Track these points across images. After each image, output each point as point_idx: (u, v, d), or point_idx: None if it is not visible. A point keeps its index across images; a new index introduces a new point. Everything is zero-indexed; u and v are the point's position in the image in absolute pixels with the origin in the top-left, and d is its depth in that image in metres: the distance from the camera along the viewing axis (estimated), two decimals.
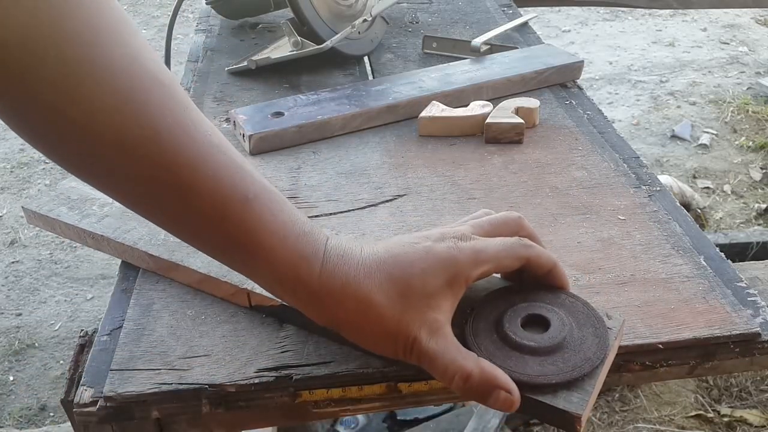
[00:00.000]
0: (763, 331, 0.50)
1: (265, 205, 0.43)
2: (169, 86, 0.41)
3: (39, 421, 1.54)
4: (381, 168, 0.73)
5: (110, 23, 0.39)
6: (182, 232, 0.45)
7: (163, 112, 0.40)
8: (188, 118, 0.42)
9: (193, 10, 3.40)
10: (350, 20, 0.96)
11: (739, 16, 3.37)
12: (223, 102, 0.89)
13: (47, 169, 2.40)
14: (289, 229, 0.44)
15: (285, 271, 0.43)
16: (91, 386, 0.48)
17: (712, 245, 0.59)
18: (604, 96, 2.72)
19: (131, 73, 0.39)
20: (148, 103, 0.40)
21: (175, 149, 0.41)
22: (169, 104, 0.41)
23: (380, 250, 0.45)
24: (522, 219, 0.50)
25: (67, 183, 0.68)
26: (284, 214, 0.44)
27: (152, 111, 0.40)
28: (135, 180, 0.41)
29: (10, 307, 1.83)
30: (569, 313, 0.47)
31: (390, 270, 0.44)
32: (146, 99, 0.40)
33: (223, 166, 0.42)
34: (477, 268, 0.45)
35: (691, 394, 1.48)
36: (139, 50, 0.40)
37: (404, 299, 0.43)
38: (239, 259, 0.45)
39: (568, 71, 0.90)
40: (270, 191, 0.44)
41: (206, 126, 0.43)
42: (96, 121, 0.39)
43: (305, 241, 0.44)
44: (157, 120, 0.40)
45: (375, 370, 0.48)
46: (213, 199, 0.42)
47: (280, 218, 0.43)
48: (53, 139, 0.40)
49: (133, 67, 0.40)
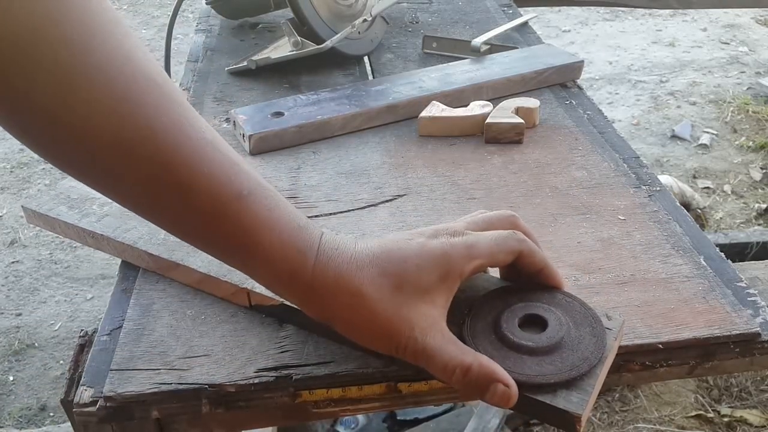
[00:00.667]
0: (763, 331, 0.50)
1: (260, 201, 0.43)
2: (164, 85, 0.41)
3: (39, 421, 1.54)
4: (381, 168, 0.73)
5: (102, 24, 0.39)
6: (180, 230, 0.45)
7: (158, 112, 0.40)
8: (183, 116, 0.42)
9: (193, 10, 3.40)
10: (350, 20, 0.96)
11: (739, 16, 3.37)
12: (223, 102, 0.89)
13: (47, 169, 2.40)
14: (284, 224, 0.44)
15: (281, 265, 0.43)
16: (91, 386, 0.48)
17: (712, 245, 0.59)
18: (604, 96, 2.72)
19: (125, 74, 0.39)
20: (144, 103, 0.40)
21: (171, 148, 0.41)
22: (165, 103, 0.41)
23: (374, 246, 0.45)
24: (516, 217, 0.50)
25: (66, 182, 0.68)
26: (279, 209, 0.44)
27: (148, 111, 0.40)
28: (132, 180, 0.41)
29: (10, 307, 1.83)
30: (566, 312, 0.47)
31: (383, 265, 0.44)
32: (142, 99, 0.40)
33: (218, 163, 0.42)
34: (470, 262, 0.45)
35: (691, 394, 1.48)
36: (133, 50, 0.40)
37: (398, 294, 0.43)
38: (237, 256, 0.45)
39: (568, 71, 0.90)
40: (264, 187, 0.44)
41: (201, 124, 0.43)
42: (92, 123, 0.39)
43: (300, 236, 0.44)
44: (153, 120, 0.40)
45: (375, 370, 0.48)
46: (209, 196, 0.42)
47: (275, 214, 0.44)
48: (49, 142, 0.40)
49: (127, 68, 0.40)
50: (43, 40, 0.37)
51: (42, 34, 0.37)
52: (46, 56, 0.37)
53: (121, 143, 0.40)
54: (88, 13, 0.38)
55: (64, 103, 0.38)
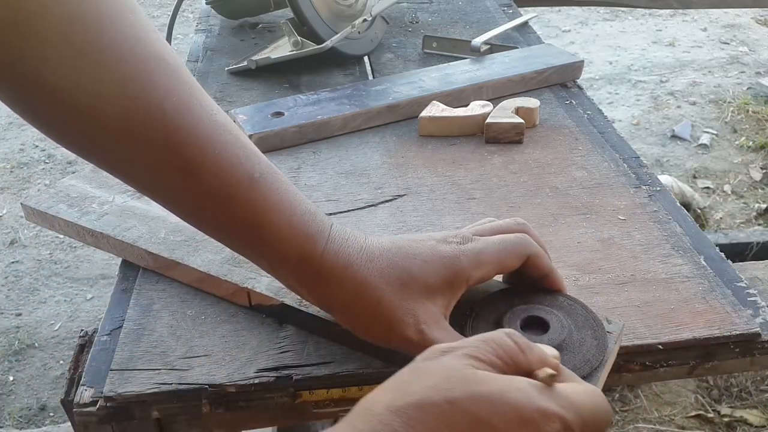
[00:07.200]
0: (763, 331, 0.50)
1: (271, 183, 0.43)
2: (175, 66, 0.41)
3: (39, 421, 1.54)
4: (381, 168, 0.73)
5: (113, 5, 0.39)
6: (188, 212, 0.45)
7: (168, 93, 0.40)
8: (193, 97, 0.42)
9: (193, 10, 3.40)
10: (350, 20, 0.96)
11: (739, 16, 3.37)
12: (223, 102, 0.89)
13: (47, 169, 2.40)
14: (295, 208, 0.44)
15: (289, 248, 0.43)
16: (91, 386, 0.48)
17: (712, 245, 0.59)
18: (604, 96, 2.72)
19: (136, 53, 0.39)
20: (155, 83, 0.40)
21: (181, 129, 0.41)
22: (175, 84, 0.41)
23: (384, 241, 0.45)
24: (526, 225, 0.49)
25: (66, 181, 0.68)
26: (290, 193, 0.44)
27: (159, 92, 0.40)
28: (142, 161, 0.41)
29: (10, 307, 1.83)
30: (568, 315, 0.47)
31: (393, 258, 0.44)
32: (152, 79, 0.40)
33: (230, 145, 0.42)
34: (478, 269, 0.45)
35: (691, 394, 1.48)
36: (143, 31, 0.40)
37: (404, 288, 0.43)
38: (244, 239, 0.45)
39: (568, 71, 0.90)
40: (275, 171, 0.44)
41: (211, 105, 0.43)
42: (101, 102, 0.39)
43: (310, 220, 0.44)
44: (164, 100, 0.40)
45: (375, 371, 0.48)
46: (219, 178, 0.42)
47: (285, 197, 0.44)
48: (59, 123, 0.40)
49: (138, 48, 0.40)
50: (51, 16, 0.37)
51: (51, 10, 0.37)
52: (54, 32, 0.37)
53: (132, 123, 0.39)
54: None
55: (73, 82, 0.38)
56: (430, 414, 0.31)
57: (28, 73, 0.37)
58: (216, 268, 0.55)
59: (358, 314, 0.44)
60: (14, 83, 0.38)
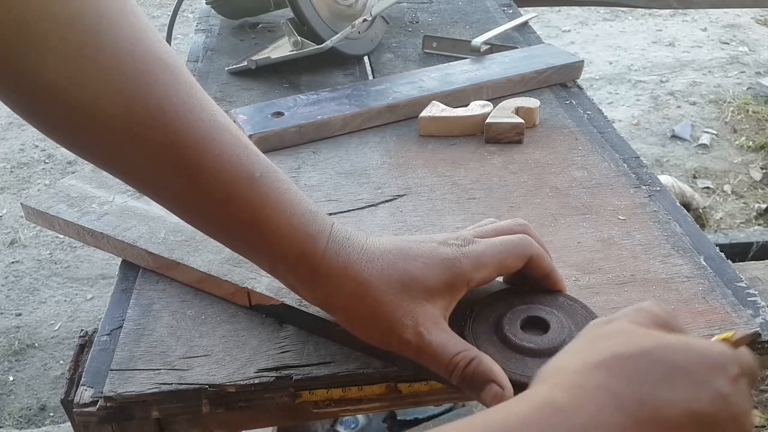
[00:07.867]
0: (763, 331, 0.50)
1: (271, 183, 0.43)
2: (174, 66, 0.41)
3: (39, 421, 1.54)
4: (381, 168, 0.73)
5: (112, 5, 0.39)
6: (189, 212, 0.45)
7: (168, 93, 0.40)
8: (194, 97, 0.42)
9: (193, 10, 3.40)
10: (350, 20, 0.96)
11: (739, 16, 3.37)
12: (223, 102, 0.89)
13: (47, 169, 2.40)
14: (296, 208, 0.44)
15: (289, 247, 0.43)
16: (91, 386, 0.48)
17: (712, 245, 0.59)
18: (604, 96, 2.72)
19: (136, 54, 0.39)
20: (155, 83, 0.40)
21: (181, 129, 0.41)
22: (175, 85, 0.41)
23: (385, 242, 0.45)
24: (527, 225, 0.49)
25: (66, 181, 0.68)
26: (290, 193, 0.44)
27: (159, 91, 0.40)
28: (142, 161, 0.41)
29: (10, 307, 1.83)
30: (568, 315, 0.47)
31: (393, 259, 0.44)
32: (152, 79, 0.40)
33: (230, 145, 0.42)
34: (479, 271, 0.45)
35: None
36: (143, 31, 0.40)
37: (404, 289, 0.43)
38: (244, 239, 0.45)
39: (568, 71, 0.90)
40: (276, 171, 0.44)
41: (211, 105, 0.43)
42: (101, 102, 0.39)
43: (311, 220, 0.44)
44: (163, 101, 0.40)
45: (375, 371, 0.48)
46: (219, 177, 0.42)
47: (286, 197, 0.44)
48: (59, 123, 0.40)
49: (138, 48, 0.40)
50: (51, 16, 0.37)
51: (51, 10, 0.37)
52: (54, 33, 0.37)
53: (132, 123, 0.40)
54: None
55: (74, 82, 0.38)
56: (628, 363, 0.33)
57: (28, 74, 0.38)
58: (216, 268, 0.55)
59: (358, 314, 0.44)
60: (14, 83, 0.38)
